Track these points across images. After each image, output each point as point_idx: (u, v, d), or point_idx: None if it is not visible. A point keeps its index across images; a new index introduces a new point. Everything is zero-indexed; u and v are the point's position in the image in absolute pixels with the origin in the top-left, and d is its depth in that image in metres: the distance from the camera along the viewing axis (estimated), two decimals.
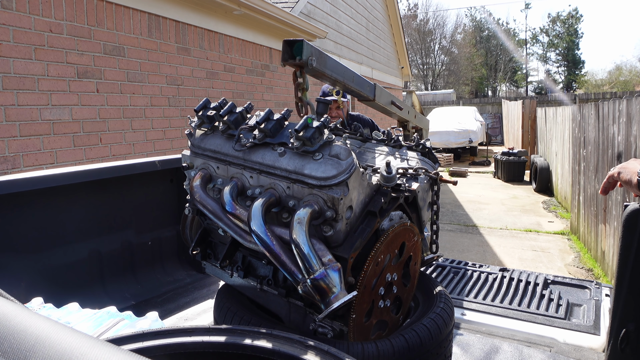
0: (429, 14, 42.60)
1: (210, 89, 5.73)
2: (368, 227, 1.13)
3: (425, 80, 42.62)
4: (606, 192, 1.45)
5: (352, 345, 1.09)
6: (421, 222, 1.44)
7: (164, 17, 4.96)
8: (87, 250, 2.08)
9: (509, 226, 7.80)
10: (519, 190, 11.20)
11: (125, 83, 4.49)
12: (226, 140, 1.27)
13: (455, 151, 16.62)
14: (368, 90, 1.56)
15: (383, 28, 13.54)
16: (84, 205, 2.09)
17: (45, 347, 0.37)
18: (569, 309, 1.92)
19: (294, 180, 1.10)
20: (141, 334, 0.93)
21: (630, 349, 1.31)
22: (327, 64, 1.36)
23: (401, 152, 1.58)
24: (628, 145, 4.65)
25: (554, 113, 10.36)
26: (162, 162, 2.33)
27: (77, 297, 1.65)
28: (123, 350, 0.40)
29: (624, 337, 1.31)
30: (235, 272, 1.32)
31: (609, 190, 1.45)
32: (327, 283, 0.99)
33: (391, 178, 1.21)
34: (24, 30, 3.56)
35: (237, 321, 1.23)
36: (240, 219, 1.14)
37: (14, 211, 1.81)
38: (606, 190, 1.45)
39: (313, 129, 1.08)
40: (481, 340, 1.65)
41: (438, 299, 1.34)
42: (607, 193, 1.46)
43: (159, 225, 2.43)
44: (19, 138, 3.56)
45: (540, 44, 46.13)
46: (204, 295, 2.24)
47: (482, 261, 5.58)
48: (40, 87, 3.70)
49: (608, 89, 38.38)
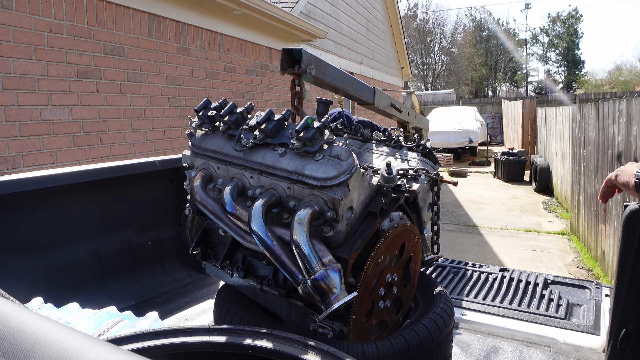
0: (429, 14, 42.62)
1: (210, 89, 5.73)
2: (368, 227, 1.13)
3: (425, 80, 42.62)
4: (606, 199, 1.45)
5: (352, 345, 1.09)
6: (421, 222, 1.44)
7: (164, 17, 4.96)
8: (87, 250, 2.08)
9: (509, 226, 7.80)
10: (519, 190, 11.20)
11: (125, 83, 4.49)
12: (227, 140, 1.27)
13: (455, 151, 16.62)
14: (368, 95, 1.56)
15: (383, 28, 13.54)
16: (84, 205, 2.09)
17: (45, 347, 0.37)
18: (569, 309, 1.92)
19: (295, 181, 1.10)
20: (141, 334, 0.93)
21: (630, 349, 1.31)
22: (326, 71, 1.36)
23: (401, 152, 1.58)
24: (628, 145, 4.65)
25: (554, 113, 10.36)
26: (162, 162, 2.33)
27: (77, 297, 1.65)
28: (123, 350, 0.40)
29: (624, 337, 1.31)
30: (236, 273, 1.32)
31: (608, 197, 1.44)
32: (328, 284, 0.99)
33: (392, 179, 1.21)
34: (24, 30, 3.56)
35: (237, 321, 1.23)
36: (240, 219, 1.14)
37: (14, 211, 1.81)
38: (605, 197, 1.44)
39: (314, 129, 1.08)
40: (481, 340, 1.65)
41: (438, 299, 1.34)
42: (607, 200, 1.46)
43: (159, 225, 2.43)
44: (19, 138, 3.56)
45: (540, 44, 46.14)
46: (204, 295, 2.24)
47: (482, 261, 5.58)
48: (40, 87, 3.70)
49: (608, 89, 38.39)
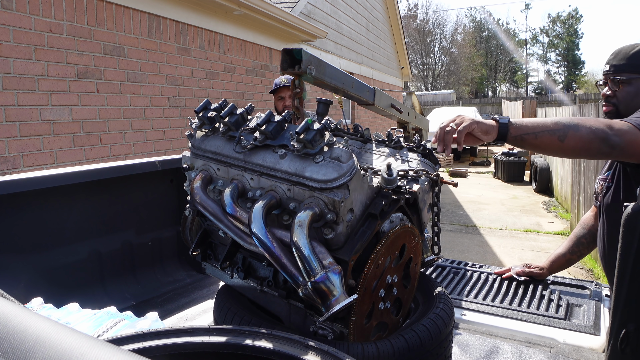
0: (429, 14, 42.63)
1: (210, 89, 5.73)
2: (369, 229, 1.13)
3: (425, 81, 42.62)
4: (448, 149, 1.44)
5: (352, 345, 1.09)
6: (422, 223, 1.44)
7: (164, 17, 4.96)
8: (87, 250, 2.08)
9: (509, 226, 7.81)
10: (519, 191, 11.20)
11: (125, 83, 4.49)
12: (227, 141, 1.27)
13: (455, 151, 16.63)
14: (368, 95, 1.56)
15: (383, 28, 13.54)
16: (84, 205, 2.09)
17: (45, 347, 0.37)
18: (569, 309, 1.92)
19: (295, 183, 1.10)
20: (141, 334, 0.93)
21: (630, 350, 1.31)
22: (326, 71, 1.36)
23: (402, 153, 1.58)
24: None
25: (554, 113, 10.36)
26: (162, 163, 2.33)
27: (77, 297, 1.65)
28: (123, 350, 0.40)
29: (624, 337, 1.31)
30: (236, 273, 1.32)
31: (449, 144, 1.43)
32: (328, 286, 0.99)
33: (392, 180, 1.21)
34: (24, 30, 3.56)
35: (237, 322, 1.23)
36: (240, 221, 1.13)
37: (13, 211, 1.81)
38: (446, 145, 1.43)
39: (314, 131, 1.08)
40: (481, 340, 1.66)
41: (438, 299, 1.34)
42: (448, 151, 1.44)
43: (159, 225, 2.43)
44: (19, 138, 3.56)
45: (540, 45, 46.16)
46: (204, 296, 2.24)
47: (482, 261, 5.58)
48: (40, 87, 3.70)
49: None
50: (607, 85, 1.80)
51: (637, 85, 1.72)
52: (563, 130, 1.38)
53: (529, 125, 1.40)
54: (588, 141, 1.37)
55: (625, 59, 1.75)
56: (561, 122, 1.39)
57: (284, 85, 3.53)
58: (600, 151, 1.40)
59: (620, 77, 1.74)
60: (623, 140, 1.39)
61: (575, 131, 1.38)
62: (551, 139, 1.38)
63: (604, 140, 1.38)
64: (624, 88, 1.75)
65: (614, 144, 1.38)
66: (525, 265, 2.26)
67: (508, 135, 1.42)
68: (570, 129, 1.38)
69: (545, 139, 1.39)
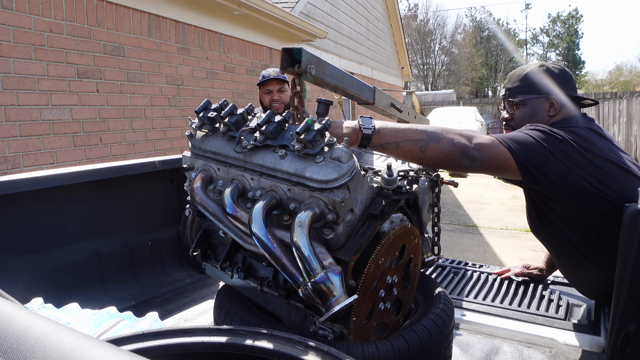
0: (429, 14, 42.62)
1: (210, 89, 5.73)
2: (369, 229, 1.13)
3: (425, 81, 42.62)
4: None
5: (352, 346, 1.09)
6: (422, 224, 1.44)
7: (164, 17, 4.96)
8: (87, 251, 2.09)
9: (509, 226, 7.81)
10: (519, 191, 11.18)
11: (125, 83, 4.49)
12: (227, 142, 1.27)
13: None
14: (368, 94, 1.56)
15: (383, 28, 13.54)
16: (84, 205, 2.09)
17: (45, 347, 0.37)
18: (569, 309, 1.92)
19: (295, 183, 1.10)
20: (141, 335, 0.93)
21: (630, 350, 1.31)
22: (326, 71, 1.35)
23: None
24: (628, 145, 4.66)
25: None
26: (162, 163, 2.33)
27: (77, 298, 1.65)
28: (123, 350, 0.40)
29: (624, 337, 1.31)
30: (236, 274, 1.32)
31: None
32: (328, 286, 0.99)
33: (392, 181, 1.21)
34: (24, 30, 3.56)
35: (237, 322, 1.23)
36: (241, 221, 1.13)
37: (13, 211, 1.81)
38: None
39: (314, 131, 1.08)
40: (481, 340, 1.66)
41: (438, 299, 1.34)
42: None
43: (159, 225, 2.43)
44: (19, 138, 3.56)
45: (541, 44, 46.14)
46: (204, 296, 2.24)
47: (482, 261, 5.58)
48: (40, 87, 3.70)
49: (608, 89, 38.39)
50: (505, 109, 1.81)
51: (532, 106, 1.72)
52: (426, 141, 1.35)
53: (391, 134, 1.35)
54: (448, 153, 1.36)
55: (518, 81, 1.75)
56: (426, 132, 1.36)
57: (273, 78, 3.23)
58: (460, 164, 1.38)
59: (514, 100, 1.75)
60: (482, 155, 1.39)
61: (437, 142, 1.35)
62: (412, 149, 1.35)
63: (464, 153, 1.36)
64: (519, 109, 1.75)
65: (473, 157, 1.37)
66: (525, 266, 2.26)
67: (370, 144, 1.35)
68: (433, 140, 1.35)
69: (406, 148, 1.35)
